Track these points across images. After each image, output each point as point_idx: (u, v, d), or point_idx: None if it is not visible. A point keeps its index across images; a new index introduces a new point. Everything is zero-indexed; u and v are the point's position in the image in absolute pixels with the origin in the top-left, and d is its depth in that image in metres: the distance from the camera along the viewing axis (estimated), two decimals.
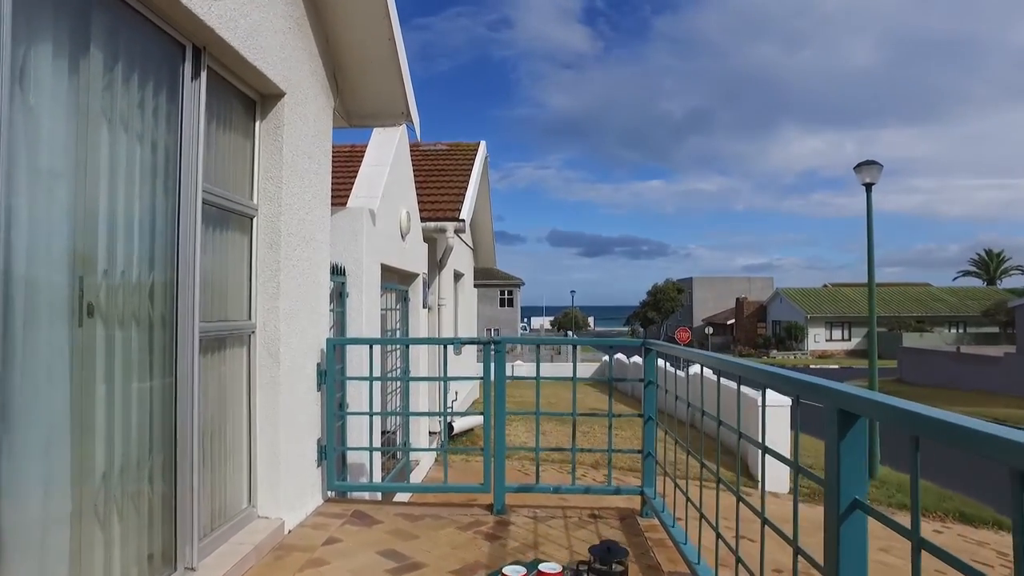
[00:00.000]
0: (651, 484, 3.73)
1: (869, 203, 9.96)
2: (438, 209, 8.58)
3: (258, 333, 3.27)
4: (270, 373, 3.28)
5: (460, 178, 9.85)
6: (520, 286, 52.07)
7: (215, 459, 2.94)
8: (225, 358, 3.06)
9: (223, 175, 3.01)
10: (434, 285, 9.16)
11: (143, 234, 2.39)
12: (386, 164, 5.95)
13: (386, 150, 6.14)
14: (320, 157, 3.89)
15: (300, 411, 3.54)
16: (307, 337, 3.64)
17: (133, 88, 2.31)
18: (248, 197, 3.25)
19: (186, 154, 2.57)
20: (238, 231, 3.17)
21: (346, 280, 4.95)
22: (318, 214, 3.85)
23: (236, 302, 3.15)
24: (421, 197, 9.15)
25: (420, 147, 11.95)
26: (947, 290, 55.62)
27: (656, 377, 3.72)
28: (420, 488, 4.63)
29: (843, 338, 50.24)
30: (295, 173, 3.47)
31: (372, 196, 5.56)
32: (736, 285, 69.80)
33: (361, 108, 4.50)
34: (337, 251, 5.02)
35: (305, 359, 3.62)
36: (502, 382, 3.68)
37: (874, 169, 9.77)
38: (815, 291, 55.09)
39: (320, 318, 3.88)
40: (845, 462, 1.34)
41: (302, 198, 3.58)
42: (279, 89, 3.28)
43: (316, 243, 3.81)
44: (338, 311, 4.90)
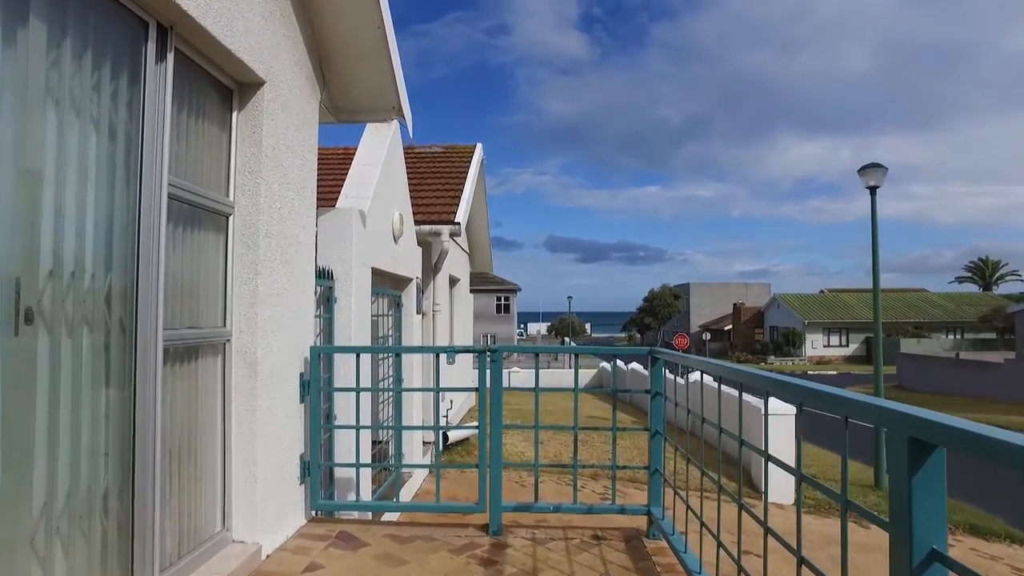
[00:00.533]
0: (658, 503, 3.48)
1: (874, 207, 9.75)
2: (433, 212, 8.34)
3: (234, 341, 3.01)
4: (247, 384, 3.02)
5: (456, 180, 9.62)
6: (516, 292, 51.82)
7: (183, 479, 2.68)
8: (196, 368, 2.80)
9: (194, 168, 2.76)
10: (428, 290, 8.91)
11: (98, 232, 2.13)
12: (377, 163, 5.71)
13: (378, 149, 5.90)
14: (304, 152, 3.64)
15: (281, 424, 3.29)
16: (289, 345, 3.38)
17: (86, 67, 2.07)
18: (224, 193, 3.00)
19: (149, 144, 2.32)
20: (212, 230, 2.92)
21: (334, 284, 4.70)
22: (302, 213, 3.60)
23: (209, 307, 2.90)
24: (415, 200, 8.91)
25: (415, 150, 11.72)
26: (944, 296, 55.58)
27: (664, 388, 3.48)
28: (411, 507, 4.36)
29: (841, 344, 50.11)
30: (276, 168, 3.23)
31: (363, 197, 5.31)
32: (733, 291, 69.68)
33: (349, 102, 4.26)
34: (325, 254, 4.77)
35: (287, 368, 3.36)
36: (499, 393, 3.43)
37: (879, 172, 9.57)
38: (813, 297, 54.99)
39: (304, 325, 3.63)
40: (920, 502, 1.10)
41: (284, 195, 3.33)
42: (258, 77, 3.04)
43: (300, 244, 3.56)
44: (326, 317, 4.64)
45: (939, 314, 50.63)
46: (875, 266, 9.99)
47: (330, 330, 4.66)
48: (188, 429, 2.73)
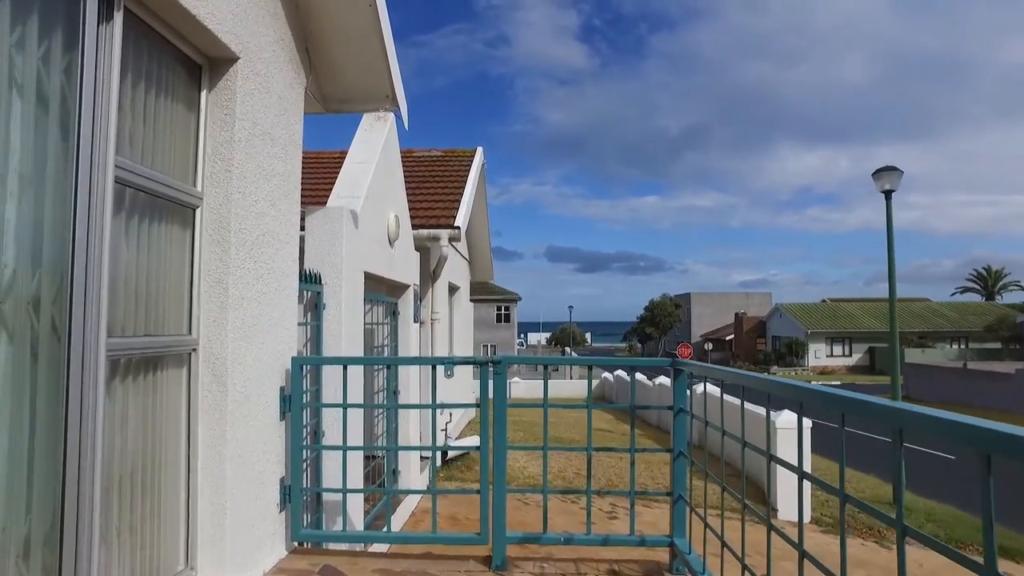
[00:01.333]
0: (683, 533, 3.08)
1: (889, 211, 9.39)
2: (431, 216, 7.98)
3: (201, 350, 2.64)
4: (215, 399, 2.64)
5: (455, 184, 9.27)
6: (517, 301, 51.44)
7: (137, 512, 2.30)
8: (154, 381, 2.43)
9: (153, 152, 2.40)
10: (427, 298, 8.54)
11: (22, 220, 1.77)
12: (372, 161, 5.35)
13: (372, 146, 5.54)
14: (286, 142, 3.28)
15: (257, 445, 2.90)
16: (266, 355, 3.01)
17: (4, 21, 1.71)
18: (190, 182, 2.63)
19: (90, 117, 1.96)
20: (175, 222, 2.55)
21: (322, 289, 4.32)
22: (283, 209, 3.24)
23: (171, 312, 2.52)
24: (413, 204, 8.56)
25: (413, 153, 11.39)
26: (947, 305, 55.18)
27: (687, 403, 3.10)
28: (404, 538, 3.96)
29: (844, 354, 49.66)
30: (251, 157, 2.86)
31: (355, 196, 4.95)
32: (734, 301, 69.31)
33: (339, 90, 3.91)
34: (313, 256, 4.40)
35: (264, 382, 2.98)
36: (503, 409, 3.05)
37: (894, 176, 9.22)
38: (815, 306, 54.59)
39: (285, 332, 3.25)
40: None
41: (261, 188, 2.96)
42: (231, 52, 2.68)
43: (280, 243, 3.19)
44: (314, 324, 4.27)
45: (943, 324, 50.22)
46: (891, 272, 9.63)
47: (318, 339, 4.28)
48: (144, 453, 2.35)
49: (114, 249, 2.09)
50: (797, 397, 2.12)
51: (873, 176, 9.38)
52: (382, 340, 6.59)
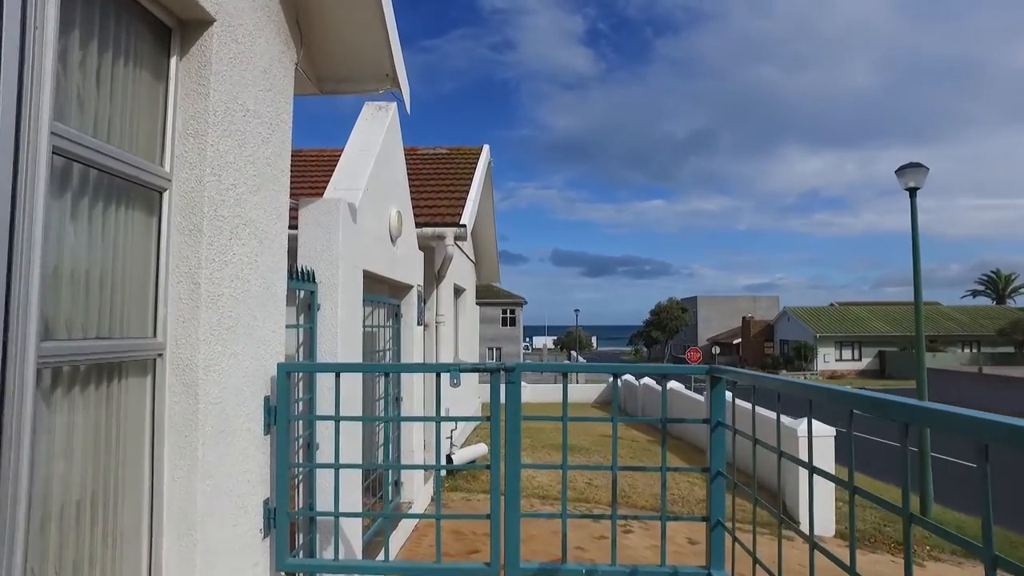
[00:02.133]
0: (720, 564, 2.70)
1: (914, 210, 8.98)
2: (436, 214, 7.62)
3: (168, 356, 2.28)
4: (185, 412, 2.28)
5: (461, 182, 8.92)
6: (523, 305, 51.09)
7: (83, 550, 1.93)
8: (108, 394, 2.07)
9: (109, 122, 2.04)
10: (431, 300, 8.18)
11: None
12: (372, 152, 5.00)
13: (373, 136, 5.20)
14: (273, 123, 2.93)
15: (235, 464, 2.54)
16: (247, 361, 2.64)
17: None
18: (156, 160, 2.28)
19: (14, 71, 1.60)
20: (137, 206, 2.19)
21: (317, 289, 3.96)
22: (269, 197, 2.88)
23: (131, 312, 2.16)
24: (417, 202, 8.21)
25: (418, 151, 11.06)
26: (958, 309, 54.51)
27: (725, 416, 2.72)
28: (405, 568, 3.59)
29: (853, 358, 49.09)
30: (230, 134, 2.51)
31: (354, 188, 4.59)
32: (741, 304, 68.78)
33: (333, 68, 3.56)
34: (307, 252, 4.05)
35: (244, 391, 2.62)
36: (516, 423, 2.68)
37: (919, 172, 8.81)
38: (823, 310, 54.01)
39: (271, 335, 2.89)
40: None
41: (242, 171, 2.60)
42: (205, 13, 2.33)
43: (264, 235, 2.83)
44: (307, 327, 3.91)
45: (954, 327, 49.57)
46: (916, 274, 9.22)
47: (312, 343, 3.92)
48: (96, 479, 1.98)
49: (53, 235, 1.73)
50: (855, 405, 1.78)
51: (897, 173, 8.98)
52: (384, 344, 6.23)
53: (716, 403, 2.70)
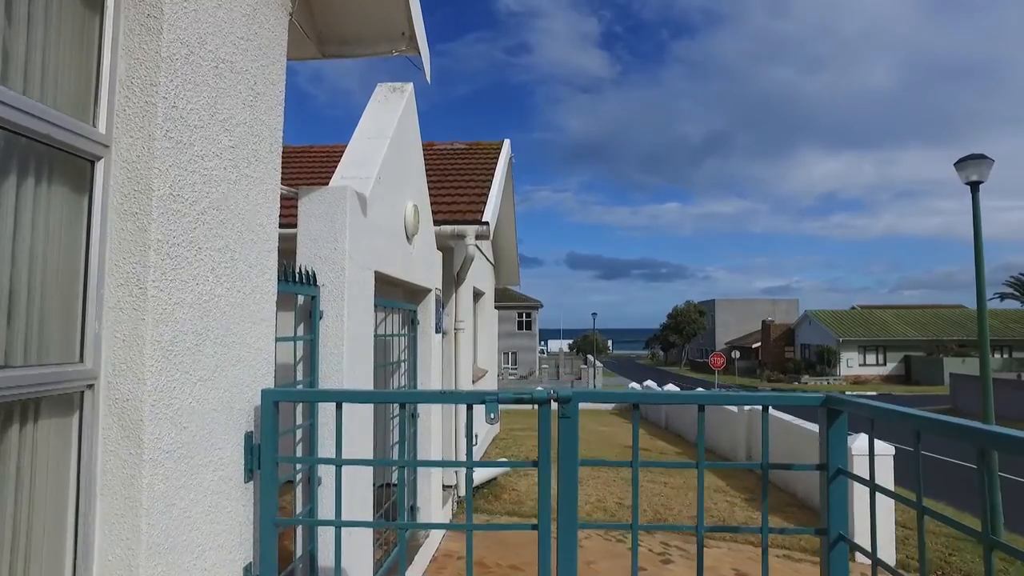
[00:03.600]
0: None
1: (976, 205, 8.21)
2: (456, 211, 7.00)
3: (101, 388, 1.65)
4: (124, 465, 1.65)
5: (482, 177, 8.29)
6: (538, 308, 50.43)
7: None
8: (10, 445, 1.45)
9: (10, 62, 1.43)
10: (450, 305, 7.55)
11: None
12: (386, 136, 4.38)
13: (387, 119, 4.58)
14: (259, 82, 2.30)
15: (199, 527, 1.91)
16: (218, 389, 2.02)
17: None
18: (85, 118, 1.66)
19: None
20: (55, 182, 1.58)
21: (319, 293, 3.34)
22: (252, 175, 2.25)
23: (46, 329, 1.55)
24: (435, 198, 7.59)
25: (435, 146, 10.45)
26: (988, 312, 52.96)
27: (848, 462, 2.05)
28: None
29: (877, 363, 47.79)
30: (196, 88, 1.88)
31: (364, 176, 3.97)
32: (760, 307, 67.60)
33: (338, 26, 2.93)
34: (308, 250, 3.43)
35: (214, 430, 2.00)
36: (572, 472, 2.03)
37: (983, 165, 8.03)
38: (846, 313, 52.76)
39: (253, 354, 2.26)
40: None
41: (213, 138, 1.98)
42: None
43: (246, 224, 2.21)
44: (307, 339, 3.29)
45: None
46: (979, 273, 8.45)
47: (313, 358, 3.30)
48: None
49: None
50: None
51: (956, 166, 8.21)
52: (399, 354, 5.62)
53: (835, 443, 2.03)
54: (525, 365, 50.06)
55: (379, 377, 4.95)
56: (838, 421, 2.01)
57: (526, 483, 8.82)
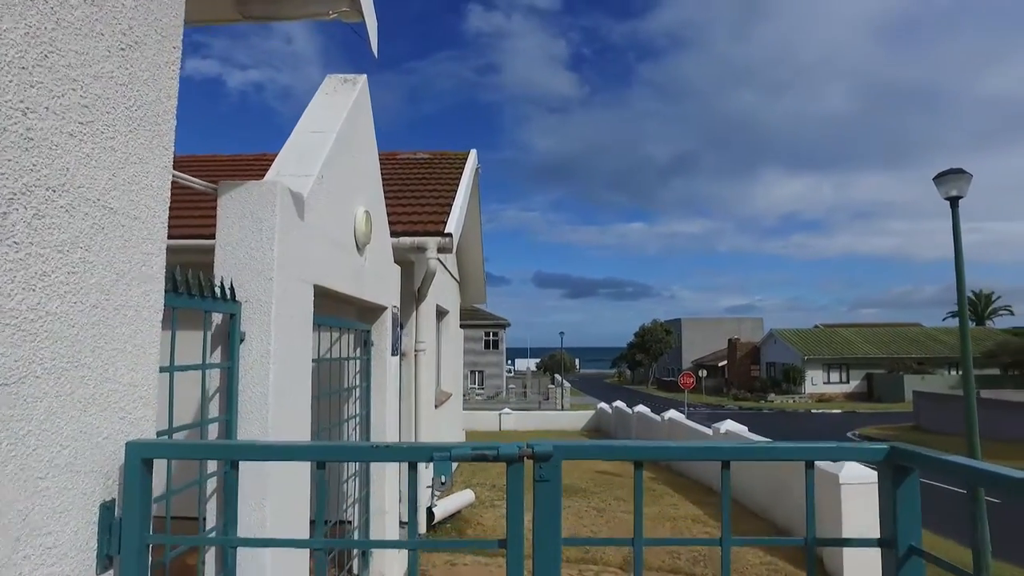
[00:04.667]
0: None
1: (956, 221, 7.98)
2: (417, 223, 6.43)
3: None
4: None
5: (446, 187, 7.75)
6: (506, 327, 49.82)
7: None
8: None
9: None
10: (410, 324, 6.95)
11: None
12: (332, 131, 3.82)
13: (335, 111, 4.02)
14: (136, 20, 1.73)
15: None
16: (55, 442, 1.42)
17: None
18: None
19: None
20: None
21: (239, 311, 2.74)
22: (126, 150, 1.67)
23: None
24: (395, 209, 7.03)
25: (397, 156, 9.90)
26: (943, 330, 54.26)
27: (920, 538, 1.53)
28: None
29: (841, 380, 48.41)
30: (18, 7, 1.31)
31: (303, 174, 3.40)
32: (726, 326, 68.20)
33: None
34: (227, 258, 2.83)
35: (47, 499, 1.39)
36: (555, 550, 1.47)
37: (962, 180, 7.81)
38: (810, 332, 53.49)
39: (120, 391, 1.66)
40: None
41: (52, 89, 1.40)
42: None
43: (113, 219, 1.62)
44: (225, 367, 2.68)
45: (940, 349, 49.23)
46: (960, 290, 8.20)
47: (231, 389, 2.69)
48: None
49: None
50: None
51: (935, 181, 7.99)
52: (351, 380, 5.01)
53: (905, 512, 1.51)
54: (492, 385, 49.29)
55: (324, 408, 4.33)
56: (907, 482, 1.50)
57: (493, 515, 8.19)
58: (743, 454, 1.52)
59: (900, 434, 25.53)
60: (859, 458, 1.55)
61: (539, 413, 28.46)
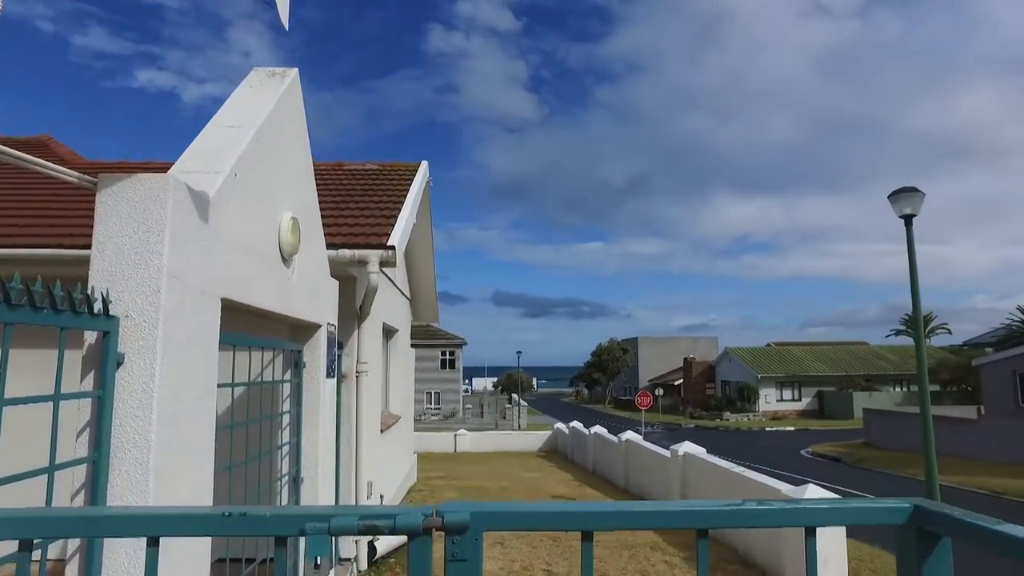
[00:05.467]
0: None
1: (910, 240, 7.95)
2: (359, 235, 5.99)
3: None
4: None
5: (393, 198, 7.32)
6: (462, 346, 49.16)
7: None
8: None
9: None
10: (351, 343, 6.46)
11: None
12: (251, 126, 3.38)
13: (257, 105, 3.59)
14: None
15: None
16: None
17: None
18: None
19: None
20: None
21: (115, 328, 2.27)
22: None
23: None
24: (335, 220, 6.57)
25: (345, 167, 9.43)
26: (888, 348, 55.90)
27: None
28: None
29: (793, 398, 49.23)
30: None
31: (211, 171, 2.95)
32: (681, 345, 68.89)
33: None
34: (106, 264, 2.37)
35: None
36: None
37: (915, 198, 7.80)
38: (763, 350, 54.37)
39: None
40: None
41: None
42: None
43: None
44: (96, 396, 2.21)
45: (886, 366, 50.64)
46: (916, 309, 8.16)
47: (102, 424, 2.21)
48: None
49: None
50: None
51: (890, 199, 7.96)
52: (279, 406, 4.53)
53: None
54: (449, 405, 48.44)
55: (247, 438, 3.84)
56: (936, 553, 1.15)
57: (440, 546, 7.67)
58: (725, 519, 1.16)
59: (852, 450, 25.87)
60: (873, 520, 1.20)
61: (495, 433, 27.90)
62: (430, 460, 19.19)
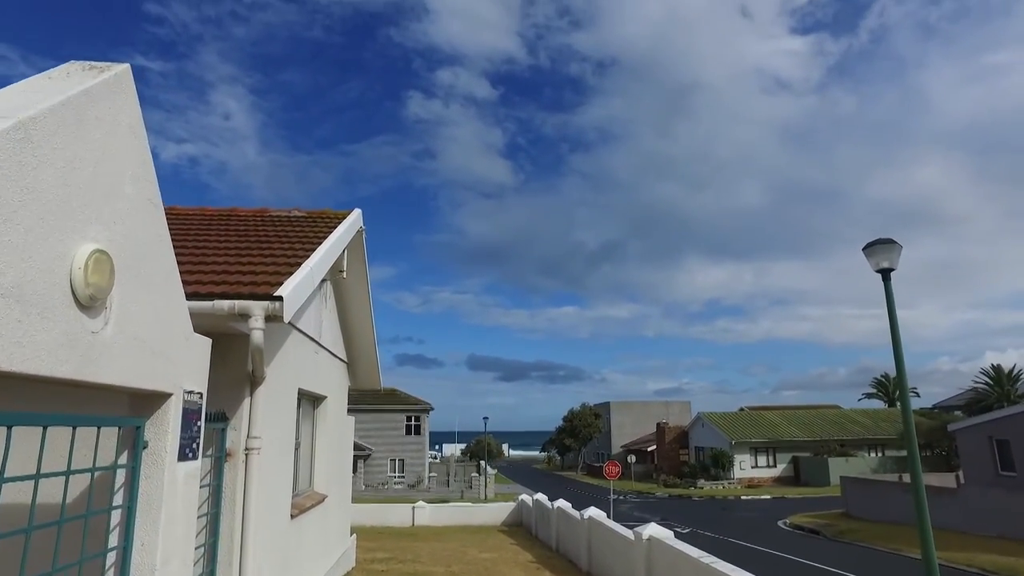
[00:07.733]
0: None
1: (888, 293, 7.21)
2: (246, 283, 5.00)
3: None
4: None
5: (307, 247, 6.38)
6: (428, 411, 47.32)
7: None
8: None
9: None
10: (240, 415, 5.35)
11: None
12: (27, 109, 2.45)
13: (43, 94, 2.66)
14: None
15: None
16: None
17: None
18: None
19: None
20: None
21: None
22: None
23: None
24: (229, 268, 5.58)
25: (269, 213, 8.51)
26: (860, 412, 55.42)
27: None
28: None
29: (769, 464, 47.98)
30: None
31: None
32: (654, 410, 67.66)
33: None
34: None
35: None
36: None
37: (892, 251, 7.11)
38: (737, 415, 53.42)
39: None
40: None
41: None
42: None
43: None
44: None
45: (860, 431, 49.93)
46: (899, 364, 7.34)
47: None
48: None
49: None
50: None
51: (865, 252, 7.27)
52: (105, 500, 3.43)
53: None
54: (413, 473, 46.18)
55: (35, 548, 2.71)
56: None
57: None
58: None
59: (831, 521, 24.65)
60: None
61: (458, 505, 26.15)
62: (384, 536, 17.58)
